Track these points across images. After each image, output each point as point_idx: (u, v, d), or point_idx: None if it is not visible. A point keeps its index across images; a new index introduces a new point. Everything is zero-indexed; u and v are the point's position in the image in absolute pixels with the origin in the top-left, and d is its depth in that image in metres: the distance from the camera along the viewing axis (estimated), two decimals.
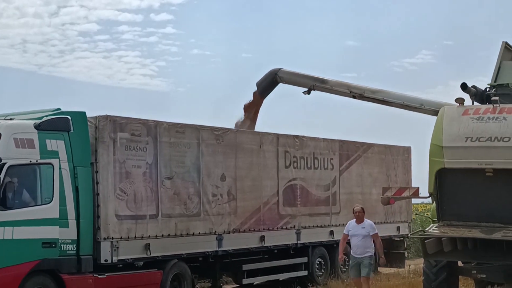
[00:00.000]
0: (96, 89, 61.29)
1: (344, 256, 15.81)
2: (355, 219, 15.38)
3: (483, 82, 16.69)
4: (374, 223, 21.74)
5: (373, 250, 15.22)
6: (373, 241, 15.27)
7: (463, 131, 13.97)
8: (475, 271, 14.88)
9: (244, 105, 21.28)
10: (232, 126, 20.25)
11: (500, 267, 14.51)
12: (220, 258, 17.34)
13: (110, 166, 14.90)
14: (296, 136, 19.87)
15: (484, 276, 14.96)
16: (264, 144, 18.75)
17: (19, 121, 14.31)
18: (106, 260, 14.72)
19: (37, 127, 14.02)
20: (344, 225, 20.76)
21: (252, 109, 21.29)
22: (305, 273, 19.44)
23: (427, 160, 14.40)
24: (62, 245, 14.01)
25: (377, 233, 15.37)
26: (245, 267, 18.02)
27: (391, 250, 23.09)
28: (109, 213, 14.80)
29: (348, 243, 15.73)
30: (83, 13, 63.78)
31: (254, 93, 21.65)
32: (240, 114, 21.30)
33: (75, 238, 14.29)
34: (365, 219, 15.40)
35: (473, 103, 15.66)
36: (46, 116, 14.43)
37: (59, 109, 14.93)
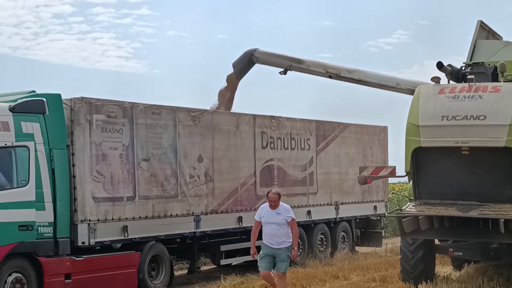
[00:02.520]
0: (71, 71, 61.02)
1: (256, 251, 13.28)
2: (268, 203, 13.10)
3: (458, 61, 16.79)
4: (351, 203, 22.18)
5: (291, 240, 13.01)
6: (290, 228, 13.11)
7: (439, 110, 14.02)
8: (451, 249, 15.03)
9: (219, 91, 21.24)
10: (209, 108, 20.19)
11: (477, 244, 14.66)
12: (198, 239, 17.35)
13: (86, 148, 14.83)
14: (273, 117, 19.87)
15: (461, 253, 15.11)
16: (241, 125, 18.73)
17: None
18: (83, 243, 14.68)
19: (12, 109, 13.91)
20: (322, 205, 20.99)
21: (227, 93, 21.25)
22: None
23: (403, 139, 14.45)
24: (39, 227, 13.94)
25: (294, 219, 13.15)
26: (223, 247, 18.05)
27: (368, 229, 23.31)
28: (86, 195, 14.75)
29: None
30: None
31: (229, 76, 21.59)
32: (214, 100, 21.27)
33: (52, 220, 14.22)
34: (280, 203, 13.12)
35: (449, 82, 15.73)
36: (21, 98, 14.32)
37: (34, 91, 14.81)
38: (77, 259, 14.45)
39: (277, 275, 13.04)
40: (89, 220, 14.76)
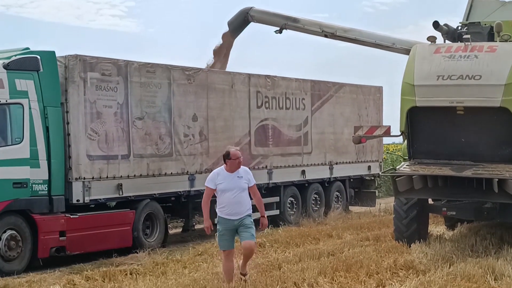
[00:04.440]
0: (65, 30, 60.73)
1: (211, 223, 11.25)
2: (224, 167, 11.06)
3: (454, 22, 16.74)
4: (345, 162, 22.22)
5: (250, 206, 11.09)
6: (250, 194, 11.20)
7: (435, 69, 13.98)
8: (445, 209, 15.10)
9: (214, 49, 21.14)
10: (204, 67, 20.11)
11: (470, 204, 14.73)
12: (192, 198, 17.37)
13: (80, 106, 14.80)
14: (268, 76, 19.82)
15: (454, 213, 15.19)
16: (236, 84, 18.68)
17: None
18: (78, 200, 14.71)
19: (6, 66, 13.85)
20: (316, 165, 21.02)
21: (222, 51, 21.14)
22: (277, 212, 19.57)
23: (398, 101, 14.45)
24: (33, 185, 13.97)
25: (255, 183, 11.24)
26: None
27: (362, 189, 23.41)
28: (80, 153, 14.75)
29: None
30: None
31: (225, 33, 21.49)
32: (209, 57, 21.16)
33: (47, 178, 14.24)
34: None
35: (445, 42, 15.69)
36: (15, 55, 14.26)
37: (27, 48, 14.76)
38: (71, 216, 14.50)
39: (245, 245, 10.89)
40: (84, 178, 14.78)
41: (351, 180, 22.79)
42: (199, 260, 13.95)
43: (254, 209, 11.26)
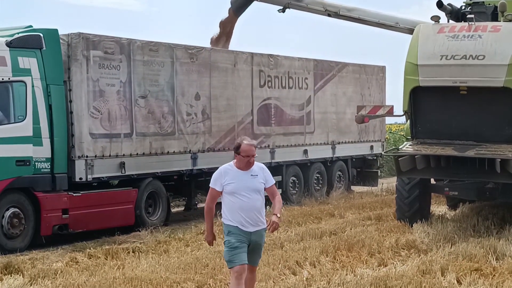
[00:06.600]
0: (67, 8, 60.53)
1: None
2: (233, 162, 8.68)
3: (458, 1, 16.70)
4: (348, 142, 22.23)
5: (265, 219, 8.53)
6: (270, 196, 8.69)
7: (438, 49, 13.97)
8: (447, 189, 15.15)
9: (220, 21, 21.06)
10: (207, 45, 20.06)
11: (472, 184, 14.76)
12: (195, 177, 17.42)
13: (83, 84, 14.78)
14: (271, 55, 19.78)
15: (457, 193, 15.23)
16: (239, 63, 18.66)
17: None
18: (80, 178, 14.73)
19: (9, 44, 13.83)
20: (318, 144, 21.03)
21: (227, 26, 21.07)
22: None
23: (401, 80, 14.44)
24: (36, 163, 13.98)
25: (274, 183, 8.79)
26: None
27: (364, 169, 23.44)
28: (83, 131, 14.75)
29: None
30: None
31: (229, 10, 21.40)
32: (215, 30, 21.08)
33: (49, 156, 14.25)
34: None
35: (448, 21, 15.65)
36: (18, 33, 14.23)
37: (30, 26, 14.71)
38: (74, 194, 14.52)
39: (249, 268, 8.46)
40: (87, 156, 14.79)
41: (353, 159, 22.81)
42: (202, 239, 13.95)
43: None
